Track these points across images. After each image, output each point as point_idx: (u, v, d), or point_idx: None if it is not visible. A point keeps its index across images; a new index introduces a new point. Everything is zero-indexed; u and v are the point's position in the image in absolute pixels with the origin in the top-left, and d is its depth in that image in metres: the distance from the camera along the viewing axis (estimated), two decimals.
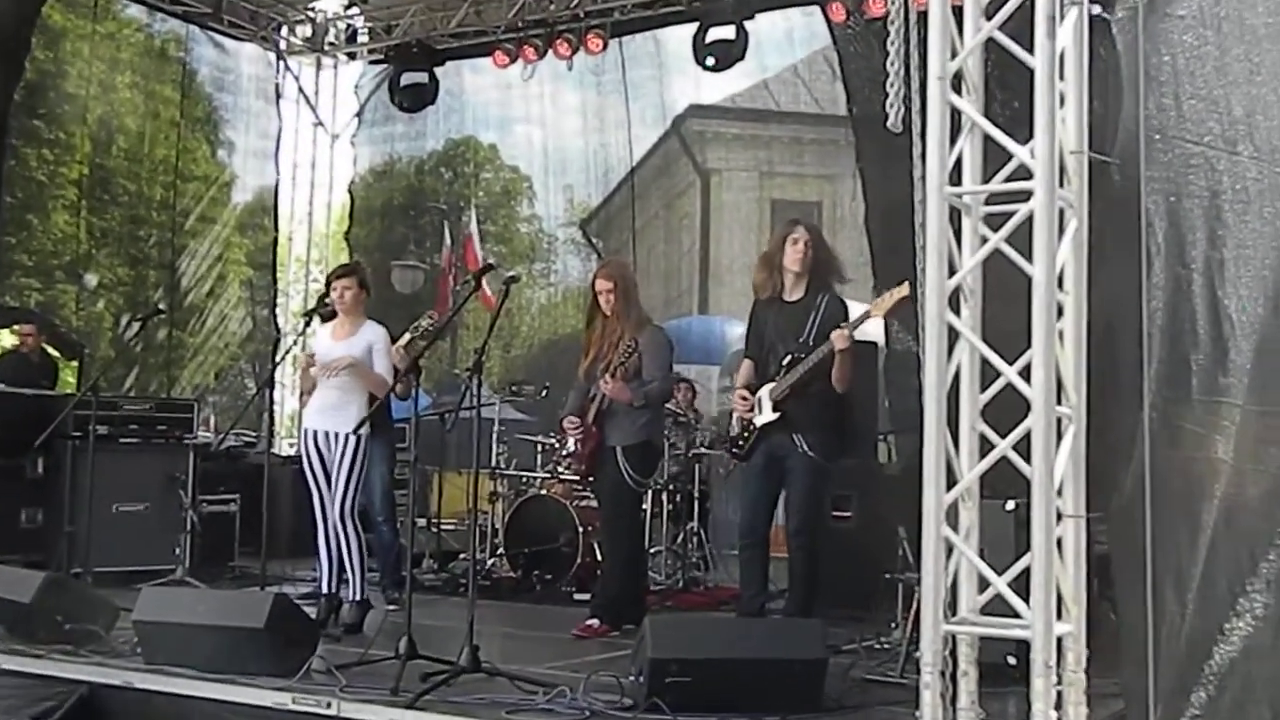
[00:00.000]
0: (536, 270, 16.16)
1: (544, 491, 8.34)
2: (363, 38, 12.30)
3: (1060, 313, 3.72)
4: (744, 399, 5.79)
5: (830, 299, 5.71)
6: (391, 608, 6.85)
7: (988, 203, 3.88)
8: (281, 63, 12.37)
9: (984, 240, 3.85)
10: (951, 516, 3.78)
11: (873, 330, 7.78)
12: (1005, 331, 3.93)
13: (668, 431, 7.95)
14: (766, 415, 5.72)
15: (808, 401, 5.61)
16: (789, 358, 5.67)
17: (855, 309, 5.65)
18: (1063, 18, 3.73)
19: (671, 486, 8.32)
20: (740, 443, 5.82)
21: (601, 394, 6.23)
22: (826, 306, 5.67)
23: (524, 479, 8.74)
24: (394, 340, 6.60)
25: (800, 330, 5.69)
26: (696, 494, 8.38)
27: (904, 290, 5.27)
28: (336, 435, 6.14)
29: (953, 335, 3.80)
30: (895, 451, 7.92)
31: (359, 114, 13.24)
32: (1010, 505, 4.88)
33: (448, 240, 13.30)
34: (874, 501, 6.90)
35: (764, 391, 5.76)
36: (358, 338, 6.34)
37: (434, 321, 7.32)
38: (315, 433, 6.26)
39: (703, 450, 8.62)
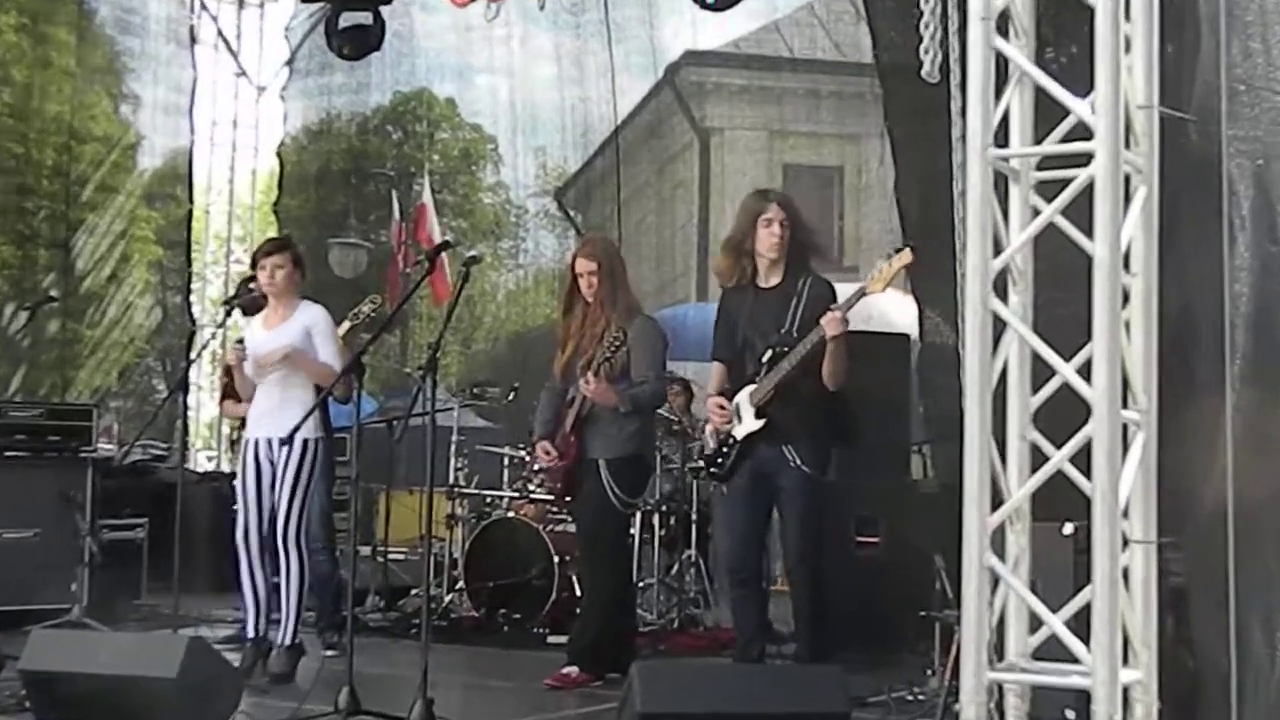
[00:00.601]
0: (503, 249, 16.15)
1: (512, 514, 8.33)
2: None
3: (1126, 299, 3.72)
4: (721, 408, 5.77)
5: (814, 281, 5.69)
6: (329, 653, 6.84)
7: (1040, 167, 3.88)
8: (197, 0, 12.33)
9: (1036, 212, 3.85)
10: (997, 542, 3.79)
11: (903, 321, 7.78)
12: (1061, 322, 3.92)
13: (660, 442, 7.94)
14: (748, 424, 5.69)
15: (797, 404, 5.58)
16: (769, 353, 5.64)
17: (844, 292, 5.60)
18: None
19: (664, 508, 8.33)
20: (719, 460, 5.79)
21: (581, 397, 6.22)
22: (810, 290, 5.65)
23: (488, 499, 8.72)
24: None
25: (780, 320, 5.67)
26: (694, 516, 8.38)
27: (905, 258, 5.25)
28: (283, 443, 6.10)
29: (999, 326, 3.80)
30: (931, 465, 7.92)
31: (290, 62, 13.22)
32: (1068, 529, 4.88)
33: (396, 213, 13.29)
34: (905, 525, 6.90)
35: (743, 396, 5.72)
36: (292, 323, 6.33)
37: (378, 308, 7.30)
38: (258, 442, 6.24)
39: (701, 464, 8.61)
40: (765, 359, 5.64)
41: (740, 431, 5.70)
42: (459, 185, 17.46)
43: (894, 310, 10.00)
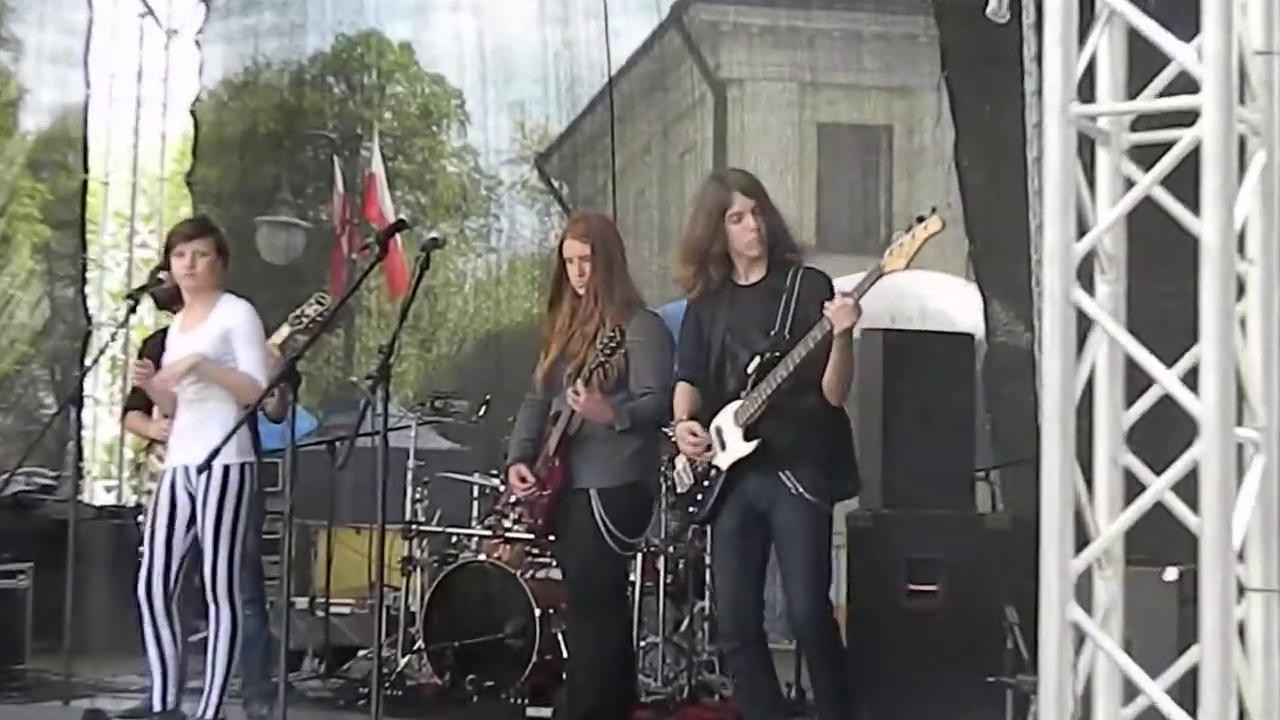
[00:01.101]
0: (471, 229, 16.15)
1: (483, 557, 8.32)
2: None
3: (1242, 290, 3.72)
4: (694, 435, 5.76)
5: (806, 272, 5.68)
6: None
7: (1134, 128, 3.88)
8: None
9: (1129, 183, 3.85)
10: (1083, 591, 3.78)
11: (966, 318, 7.78)
12: (1162, 319, 3.92)
13: (666, 468, 7.96)
14: (736, 449, 5.66)
15: (794, 421, 5.57)
16: (757, 361, 5.62)
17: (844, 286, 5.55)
18: None
19: (671, 549, 8.32)
20: (699, 497, 5.77)
21: (569, 411, 6.22)
22: (802, 284, 5.64)
23: (453, 539, 8.72)
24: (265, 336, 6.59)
25: (769, 322, 5.65)
26: (708, 560, 8.37)
27: (933, 227, 5.20)
28: (202, 472, 6.11)
29: (1084, 324, 3.80)
30: (1000, 496, 7.94)
31: None
32: (1170, 575, 4.89)
33: (339, 185, 13.31)
34: (969, 570, 6.92)
35: (724, 418, 5.70)
36: (208, 324, 6.34)
37: (325, 309, 7.30)
38: (175, 472, 6.26)
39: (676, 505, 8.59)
40: (752, 369, 5.63)
41: (725, 459, 5.69)
42: (417, 150, 17.47)
43: (955, 305, 10.03)
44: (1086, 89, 3.83)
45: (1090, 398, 3.82)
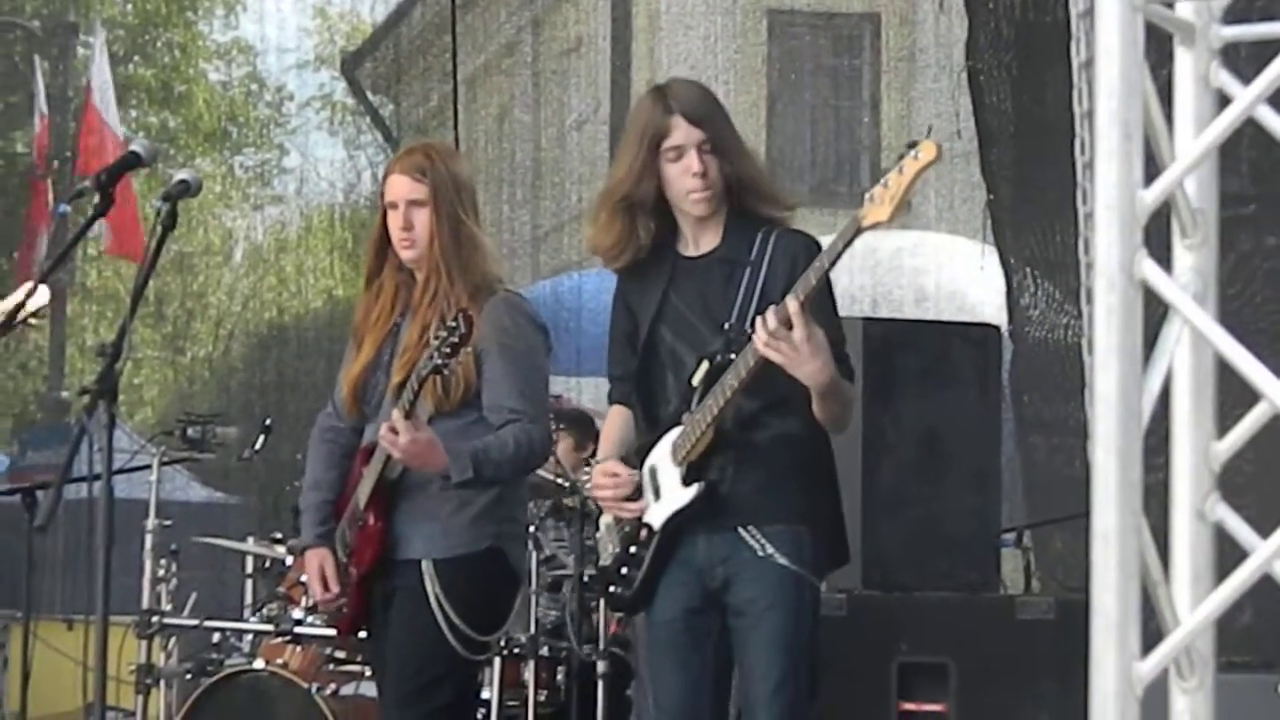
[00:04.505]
0: (246, 166, 16.16)
1: (261, 664, 8.35)
2: None
3: None
4: (613, 477, 5.80)
5: (781, 236, 5.73)
6: None
7: (1228, 19, 3.93)
8: None
9: (1222, 100, 3.90)
10: (1156, 709, 3.83)
11: (986, 303, 7.83)
12: (1272, 305, 3.98)
13: (538, 527, 7.97)
14: (672, 499, 5.72)
15: (762, 454, 5.67)
16: (705, 367, 5.65)
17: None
18: None
19: (545, 652, 8.37)
20: (623, 573, 5.81)
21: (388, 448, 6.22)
22: (775, 250, 5.69)
23: (219, 636, 8.75)
24: None
25: (722, 309, 5.72)
26: (601, 667, 8.43)
27: (927, 155, 5.19)
28: None
29: (1156, 310, 3.84)
30: (1035, 568, 8.00)
31: None
32: None
33: (42, 100, 13.25)
34: (991, 679, 6.98)
35: (661, 452, 5.75)
36: None
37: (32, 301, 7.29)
38: None
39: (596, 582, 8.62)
40: (698, 379, 5.66)
41: (658, 514, 5.74)
42: (160, 49, 17.40)
43: (971, 282, 10.09)
44: None
45: (1166, 421, 3.86)
